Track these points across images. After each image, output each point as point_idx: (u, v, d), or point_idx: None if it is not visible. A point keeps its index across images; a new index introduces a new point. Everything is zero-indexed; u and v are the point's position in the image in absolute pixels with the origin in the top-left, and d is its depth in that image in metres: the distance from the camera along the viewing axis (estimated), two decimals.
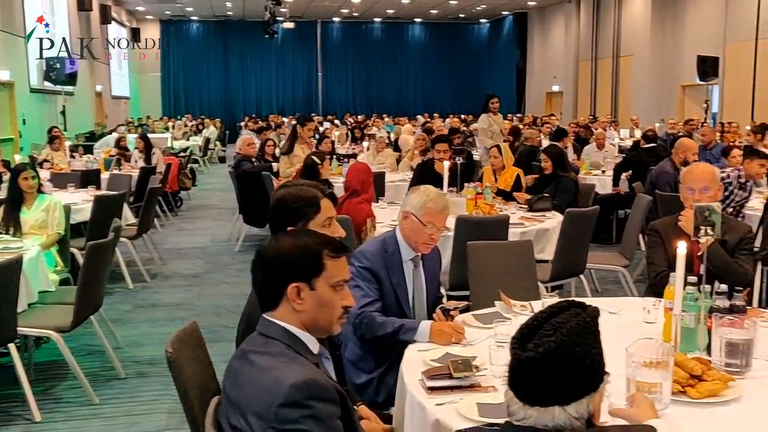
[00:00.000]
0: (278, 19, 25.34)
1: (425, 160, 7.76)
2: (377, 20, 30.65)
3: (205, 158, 18.44)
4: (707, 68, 15.88)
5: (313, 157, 6.05)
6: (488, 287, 3.56)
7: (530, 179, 7.04)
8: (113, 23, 21.91)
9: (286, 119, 22.93)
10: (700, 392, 2.20)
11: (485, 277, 3.79)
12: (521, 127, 13.90)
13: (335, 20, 30.51)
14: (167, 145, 14.53)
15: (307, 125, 8.07)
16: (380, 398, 3.04)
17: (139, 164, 10.24)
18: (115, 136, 13.02)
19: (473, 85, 29.29)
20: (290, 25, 27.13)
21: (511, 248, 4.19)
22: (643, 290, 4.25)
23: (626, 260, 5.66)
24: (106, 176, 9.04)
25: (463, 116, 21.51)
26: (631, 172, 8.51)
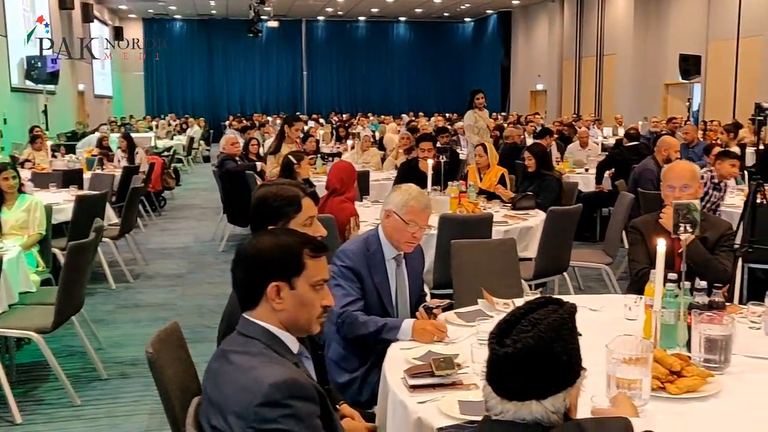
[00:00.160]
0: (263, 17, 25.23)
1: (409, 158, 7.77)
2: (362, 19, 30.62)
3: (189, 158, 18.34)
4: (689, 67, 15.99)
5: (289, 156, 6.03)
6: (472, 285, 3.56)
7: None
8: (95, 22, 21.72)
9: (270, 118, 22.87)
10: (679, 388, 2.22)
11: (469, 275, 3.79)
12: (506, 125, 13.94)
13: (320, 19, 30.44)
14: (151, 144, 14.44)
15: (294, 125, 8.04)
16: (363, 397, 3.03)
17: (122, 164, 10.17)
18: (97, 135, 12.92)
19: (458, 83, 29.29)
20: (275, 23, 27.07)
21: (494, 246, 4.20)
22: (626, 287, 4.27)
23: (609, 258, 5.69)
24: (88, 176, 8.97)
25: (447, 115, 21.55)
26: (614, 170, 8.58)
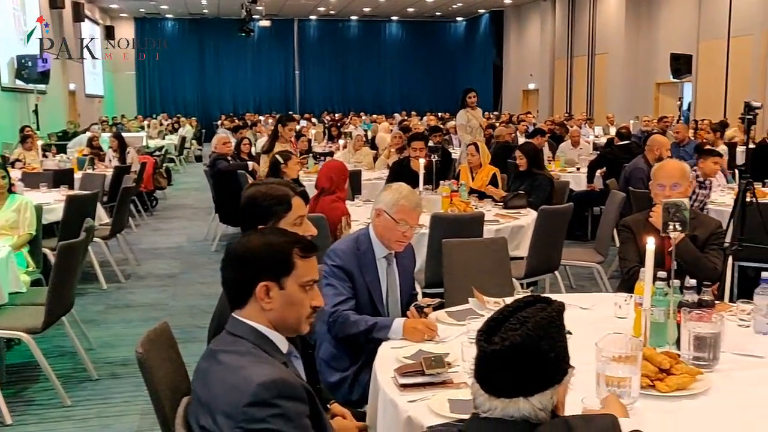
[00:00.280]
0: (254, 17, 25.21)
1: (401, 158, 7.77)
2: (354, 18, 30.61)
3: (181, 157, 18.28)
4: (680, 66, 16.06)
5: (276, 156, 6.02)
6: (463, 284, 3.56)
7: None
8: (86, 21, 21.63)
9: (262, 117, 22.83)
10: (668, 386, 2.23)
11: (460, 274, 3.79)
12: (497, 125, 13.97)
13: (312, 18, 30.41)
14: (142, 144, 14.40)
15: (288, 125, 8.02)
16: (354, 396, 3.03)
17: (113, 163, 10.13)
18: (88, 135, 12.86)
19: (450, 83, 29.32)
20: (266, 23, 27.04)
21: (485, 245, 4.20)
22: (617, 286, 4.29)
23: (601, 256, 5.70)
24: (79, 176, 8.93)
25: (440, 114, 21.56)
26: (605, 169, 8.60)
